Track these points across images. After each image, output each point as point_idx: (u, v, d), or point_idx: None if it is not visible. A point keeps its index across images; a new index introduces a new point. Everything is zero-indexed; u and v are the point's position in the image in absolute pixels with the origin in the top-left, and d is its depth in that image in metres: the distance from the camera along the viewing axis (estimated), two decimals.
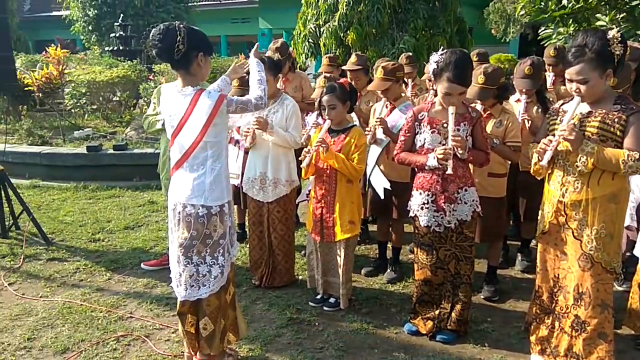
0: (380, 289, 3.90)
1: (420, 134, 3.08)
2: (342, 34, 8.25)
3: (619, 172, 2.53)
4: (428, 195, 3.06)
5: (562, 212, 2.71)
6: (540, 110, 3.84)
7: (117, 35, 12.15)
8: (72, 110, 8.88)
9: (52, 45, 9.29)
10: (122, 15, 13.49)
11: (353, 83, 4.39)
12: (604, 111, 2.58)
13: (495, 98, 3.49)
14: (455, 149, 2.89)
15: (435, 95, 3.11)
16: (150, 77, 9.29)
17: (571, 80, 2.56)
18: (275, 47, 4.67)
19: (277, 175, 3.77)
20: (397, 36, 8.19)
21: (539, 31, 5.78)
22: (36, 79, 8.35)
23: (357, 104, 4.39)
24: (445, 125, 2.95)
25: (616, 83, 3.19)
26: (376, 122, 3.78)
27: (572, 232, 2.69)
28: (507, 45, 17.60)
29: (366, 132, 3.84)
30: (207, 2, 22.80)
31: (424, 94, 5.03)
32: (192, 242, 2.59)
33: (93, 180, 6.90)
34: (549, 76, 4.60)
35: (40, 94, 8.41)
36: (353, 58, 4.39)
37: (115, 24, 12.26)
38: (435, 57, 2.91)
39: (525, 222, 4.12)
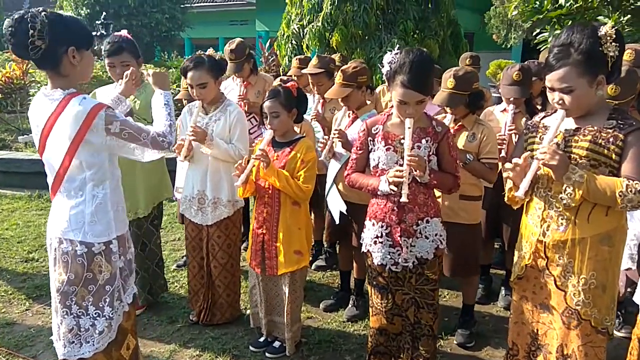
0: (338, 329, 3.34)
1: (374, 151, 2.52)
2: (327, 35, 7.72)
3: (615, 207, 1.97)
4: (382, 226, 2.50)
5: (543, 255, 2.16)
6: None
7: (98, 34, 11.64)
8: None
9: None
10: (104, 14, 12.94)
11: (315, 88, 3.89)
12: (595, 128, 2.02)
13: (467, 107, 2.92)
14: (412, 170, 2.33)
15: None
16: None
17: (553, 89, 2.00)
18: (230, 49, 4.14)
19: (218, 195, 3.23)
20: (385, 38, 7.63)
21: (534, 34, 5.23)
22: None
23: (320, 111, 3.88)
24: (402, 141, 2.39)
25: (618, 93, 2.65)
26: (334, 134, 3.24)
27: (555, 281, 2.13)
28: (510, 51, 17.01)
29: (319, 145, 3.31)
30: (204, 4, 22.35)
31: None
32: (71, 287, 2.05)
33: None
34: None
35: (1, 95, 7.88)
36: (314, 60, 3.86)
37: (97, 22, 11.70)
38: (388, 57, 2.37)
39: (509, 251, 3.56)
